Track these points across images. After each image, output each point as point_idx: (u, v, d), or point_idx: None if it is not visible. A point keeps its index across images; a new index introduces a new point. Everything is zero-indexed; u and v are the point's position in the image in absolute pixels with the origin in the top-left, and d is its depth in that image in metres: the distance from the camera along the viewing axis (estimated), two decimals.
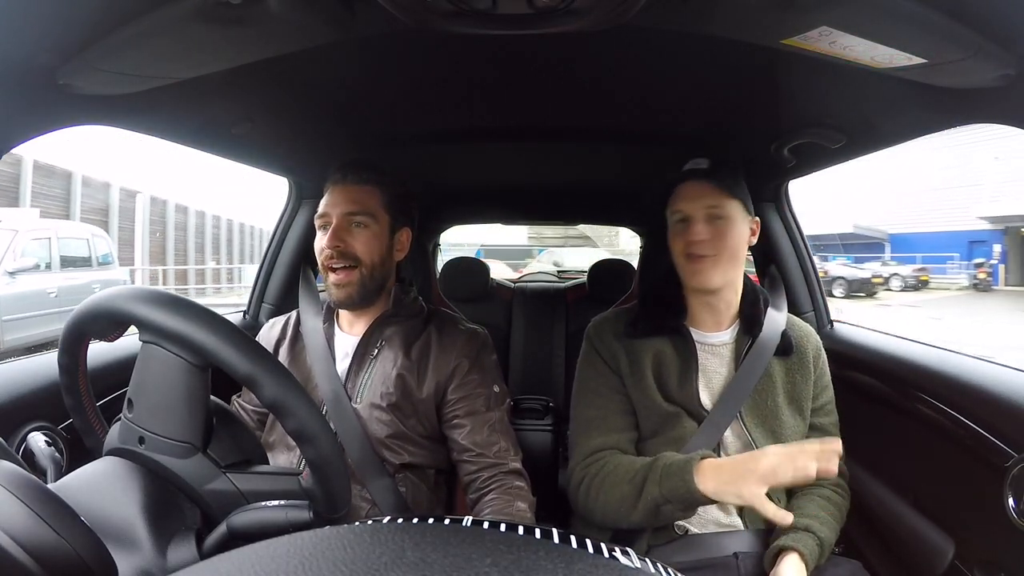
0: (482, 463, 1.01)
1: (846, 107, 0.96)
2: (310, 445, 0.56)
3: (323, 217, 1.02)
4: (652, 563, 0.36)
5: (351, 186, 1.02)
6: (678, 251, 1.01)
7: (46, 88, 0.65)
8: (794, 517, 0.94)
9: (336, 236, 0.99)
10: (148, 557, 0.51)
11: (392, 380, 1.01)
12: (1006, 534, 0.80)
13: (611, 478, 0.95)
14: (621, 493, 0.93)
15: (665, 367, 1.03)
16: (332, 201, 1.02)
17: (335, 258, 0.99)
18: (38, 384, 0.89)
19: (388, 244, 1.05)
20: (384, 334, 1.06)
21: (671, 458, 0.91)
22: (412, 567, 0.28)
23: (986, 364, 1.00)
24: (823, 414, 1.06)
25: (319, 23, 0.65)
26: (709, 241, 0.98)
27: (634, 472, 0.93)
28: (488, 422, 1.03)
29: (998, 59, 0.61)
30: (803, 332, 1.09)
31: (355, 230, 1.01)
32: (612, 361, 1.05)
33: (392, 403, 1.00)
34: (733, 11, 0.62)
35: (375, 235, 1.02)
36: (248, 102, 0.99)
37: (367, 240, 1.01)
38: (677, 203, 1.01)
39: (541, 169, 1.63)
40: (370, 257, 1.02)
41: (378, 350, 1.05)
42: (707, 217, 0.99)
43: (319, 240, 1.03)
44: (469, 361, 1.05)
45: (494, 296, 2.25)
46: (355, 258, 1.00)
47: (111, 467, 0.57)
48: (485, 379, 1.06)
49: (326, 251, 1.00)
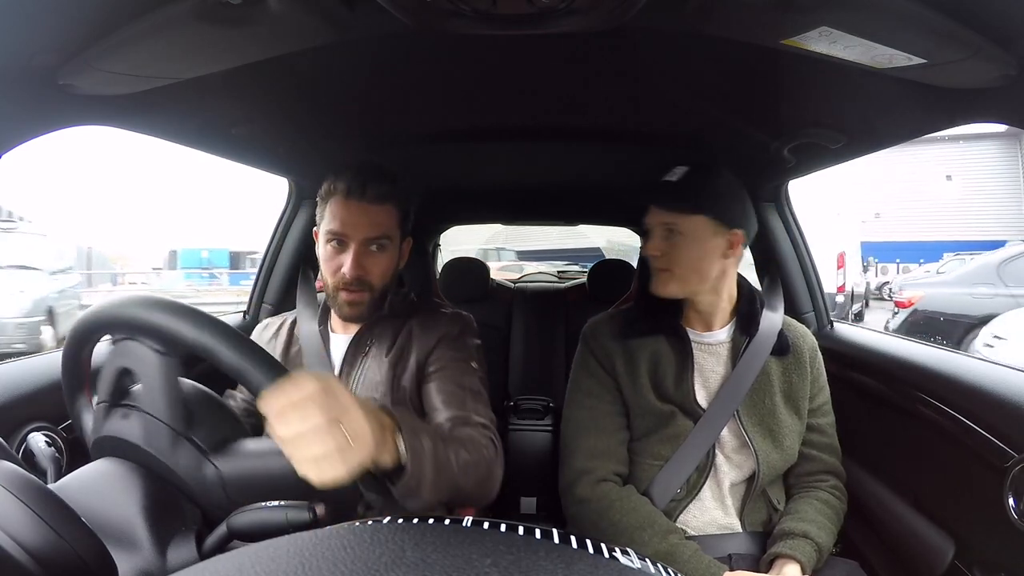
0: (447, 415, 0.95)
1: (846, 107, 0.96)
2: None
3: (338, 236, 0.97)
4: (652, 563, 0.36)
5: (371, 205, 0.97)
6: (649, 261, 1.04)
7: (46, 88, 0.65)
8: (791, 522, 0.94)
9: (357, 264, 0.96)
10: (148, 557, 0.51)
11: (383, 369, 1.01)
12: (1006, 534, 0.80)
13: (625, 520, 0.95)
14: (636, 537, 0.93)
15: (661, 366, 1.03)
16: (350, 221, 0.97)
17: (351, 283, 0.97)
18: (38, 384, 0.89)
19: (398, 260, 1.04)
20: (374, 332, 1.06)
21: (692, 549, 0.91)
22: (412, 567, 0.28)
23: (986, 364, 0.99)
24: (820, 414, 1.07)
25: (319, 23, 0.65)
26: (663, 256, 1.00)
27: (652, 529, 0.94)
28: (461, 385, 0.99)
29: (998, 59, 0.61)
30: (799, 332, 1.09)
31: (373, 254, 0.98)
32: (607, 362, 1.05)
33: (384, 392, 1.00)
34: (733, 11, 0.62)
35: (391, 257, 1.01)
36: (248, 102, 0.98)
37: (384, 264, 1.00)
38: (645, 216, 1.03)
39: (541, 169, 1.63)
40: (383, 280, 1.01)
41: (368, 348, 1.05)
42: (663, 233, 1.00)
43: (330, 255, 0.99)
44: (450, 339, 1.04)
45: (494, 296, 2.25)
46: (371, 284, 0.99)
47: (111, 467, 0.57)
48: (463, 355, 1.04)
49: (345, 276, 0.97)
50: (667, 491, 0.99)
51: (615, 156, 1.46)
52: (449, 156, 1.48)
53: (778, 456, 1.00)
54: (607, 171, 1.62)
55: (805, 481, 1.05)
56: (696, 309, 1.05)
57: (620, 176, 1.65)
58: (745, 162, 1.27)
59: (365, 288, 0.99)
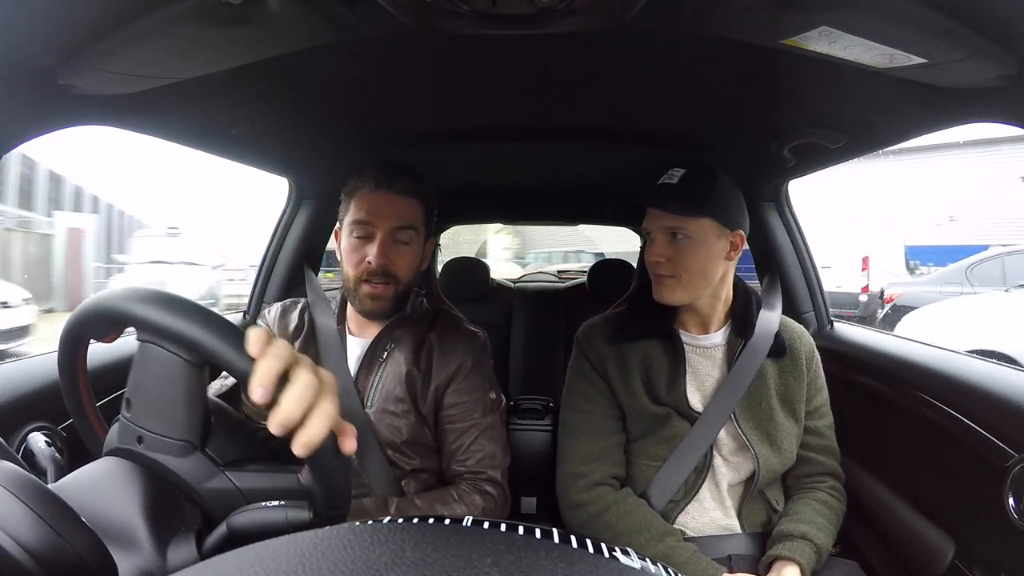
0: (463, 469, 1.00)
1: (846, 107, 0.96)
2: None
3: (365, 226, 0.97)
4: (652, 563, 0.36)
5: (397, 196, 0.97)
6: (648, 265, 1.01)
7: (47, 88, 0.65)
8: (791, 524, 0.94)
9: (383, 253, 0.96)
10: (148, 557, 0.51)
11: (403, 383, 1.00)
12: (1006, 534, 0.80)
13: (622, 523, 0.95)
14: (633, 540, 0.93)
15: (654, 370, 1.02)
16: (377, 211, 0.97)
17: (377, 274, 0.96)
18: (38, 384, 0.89)
19: (421, 257, 1.04)
20: (394, 337, 1.04)
21: (689, 551, 0.91)
22: (412, 567, 0.28)
23: (986, 364, 0.99)
24: (817, 416, 1.06)
25: (319, 23, 0.65)
26: (668, 261, 0.97)
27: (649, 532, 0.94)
28: (480, 428, 1.01)
29: (998, 59, 0.61)
30: (796, 334, 1.09)
31: (399, 246, 0.98)
32: (600, 366, 1.05)
33: (404, 409, 0.99)
34: (733, 11, 0.62)
35: (415, 252, 1.01)
36: (248, 102, 0.98)
37: (409, 257, 1.00)
38: (646, 220, 1.01)
39: (542, 169, 1.63)
40: (408, 275, 1.00)
41: (387, 353, 1.03)
42: (667, 237, 0.97)
43: (355, 247, 0.98)
44: (470, 364, 1.04)
45: (494, 296, 2.25)
46: (396, 276, 0.98)
47: (111, 467, 0.57)
48: (482, 384, 1.05)
49: (370, 266, 0.96)
50: (665, 492, 0.99)
51: (615, 156, 1.46)
52: (449, 156, 1.48)
53: (776, 459, 1.00)
54: (607, 171, 1.62)
55: (804, 483, 1.05)
56: (693, 312, 1.04)
57: (620, 176, 1.65)
58: (745, 162, 1.27)
59: (390, 281, 0.98)
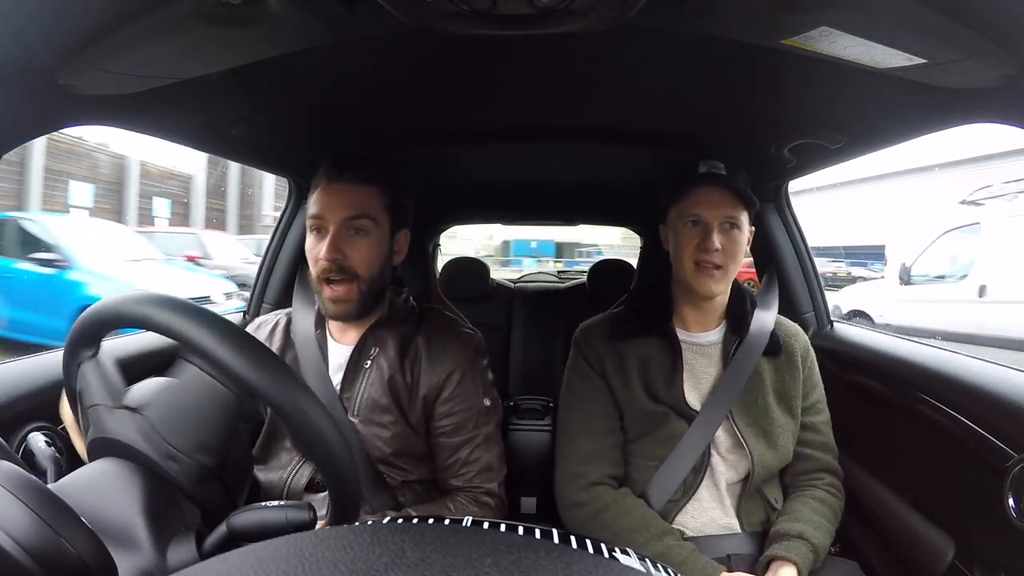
0: (460, 482, 0.98)
1: (846, 107, 0.96)
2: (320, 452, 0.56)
3: (317, 220, 0.93)
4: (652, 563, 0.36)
5: (349, 185, 0.93)
6: (687, 255, 0.98)
7: (46, 88, 0.65)
8: (788, 523, 0.94)
9: (334, 247, 0.90)
10: (148, 557, 0.51)
11: (387, 389, 0.96)
12: (1006, 534, 0.80)
13: (620, 523, 0.95)
14: (631, 539, 0.92)
15: (651, 368, 1.02)
16: (327, 202, 0.92)
17: (332, 271, 0.91)
18: (38, 384, 0.89)
19: (388, 250, 0.97)
20: (377, 338, 1.00)
21: (688, 550, 0.91)
22: (412, 567, 0.28)
23: (986, 364, 0.99)
24: (814, 412, 1.07)
25: (319, 23, 0.65)
26: (722, 251, 0.96)
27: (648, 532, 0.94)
28: (475, 442, 0.98)
29: (998, 59, 0.61)
30: (791, 332, 1.09)
31: (354, 238, 0.92)
32: (598, 365, 1.05)
33: (391, 419, 0.95)
34: (733, 11, 0.62)
35: (376, 242, 0.94)
36: (248, 102, 0.98)
37: (367, 249, 0.93)
38: (694, 207, 0.97)
39: (541, 169, 1.63)
40: (369, 270, 0.93)
41: (371, 359, 0.98)
42: (724, 226, 0.96)
43: (312, 244, 0.94)
44: (460, 371, 0.98)
45: (494, 296, 2.25)
46: (353, 272, 0.92)
47: (111, 467, 0.57)
48: (476, 391, 1.00)
49: (322, 262, 0.91)
50: (664, 491, 0.99)
51: (615, 155, 1.46)
52: (449, 156, 1.48)
53: (772, 455, 1.00)
54: (607, 171, 1.62)
55: (801, 480, 1.05)
56: (697, 309, 1.05)
57: (621, 175, 1.65)
58: (745, 162, 1.27)
59: (347, 277, 0.92)
